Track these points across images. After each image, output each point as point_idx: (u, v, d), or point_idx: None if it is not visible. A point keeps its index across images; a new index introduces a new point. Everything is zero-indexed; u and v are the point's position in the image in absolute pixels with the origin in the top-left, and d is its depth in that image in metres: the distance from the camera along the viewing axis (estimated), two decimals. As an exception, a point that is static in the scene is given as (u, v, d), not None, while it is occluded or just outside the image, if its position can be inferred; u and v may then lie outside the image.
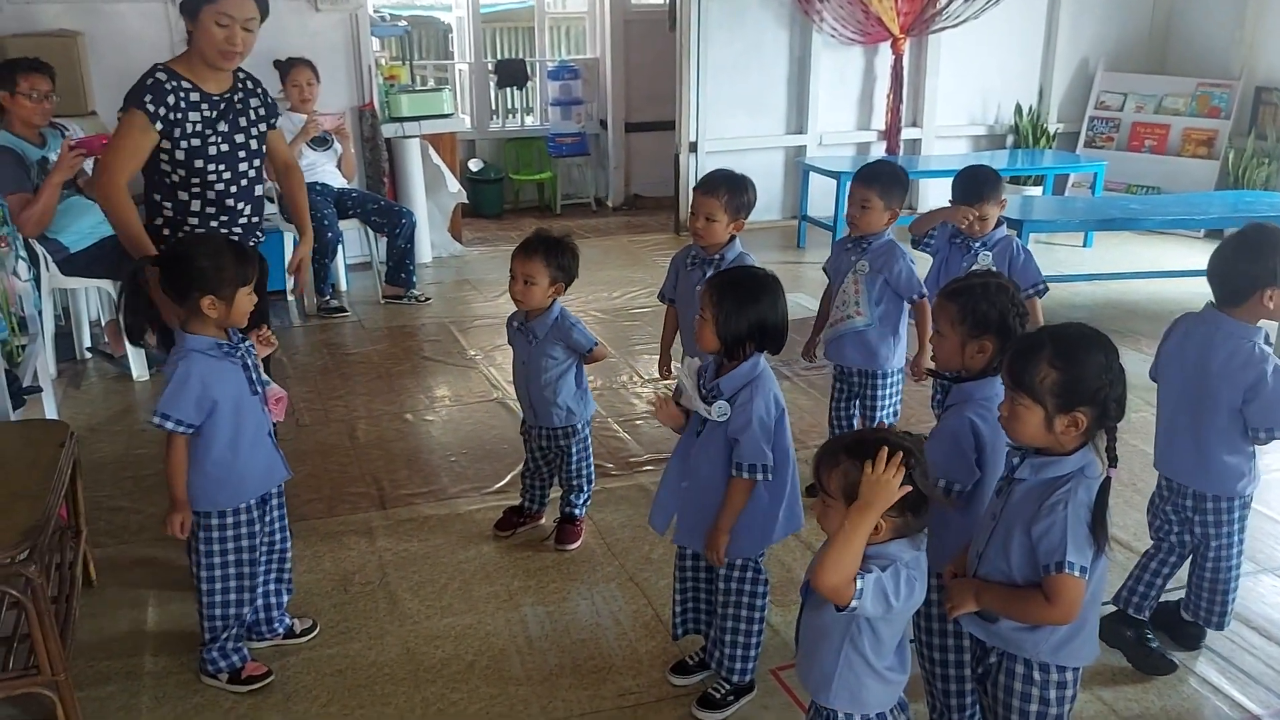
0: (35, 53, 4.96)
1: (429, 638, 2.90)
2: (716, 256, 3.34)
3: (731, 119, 7.69)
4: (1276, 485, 3.68)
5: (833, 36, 7.63)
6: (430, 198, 6.96)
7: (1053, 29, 8.10)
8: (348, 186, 5.98)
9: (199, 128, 2.97)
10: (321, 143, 5.85)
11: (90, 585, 3.12)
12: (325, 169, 5.87)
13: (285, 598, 2.83)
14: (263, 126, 3.16)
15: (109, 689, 2.68)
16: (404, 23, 7.56)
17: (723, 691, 2.59)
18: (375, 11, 7.77)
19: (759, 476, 2.38)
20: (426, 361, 5.11)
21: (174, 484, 2.46)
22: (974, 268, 3.44)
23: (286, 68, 5.81)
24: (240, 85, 3.10)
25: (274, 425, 2.66)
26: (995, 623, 1.94)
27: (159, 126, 2.92)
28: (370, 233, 6.18)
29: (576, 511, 3.40)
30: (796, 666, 2.04)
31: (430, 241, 7.01)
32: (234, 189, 3.08)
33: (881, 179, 3.36)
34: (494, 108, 8.87)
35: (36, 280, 4.94)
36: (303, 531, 3.46)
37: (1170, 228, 6.88)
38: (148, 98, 2.91)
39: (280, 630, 2.83)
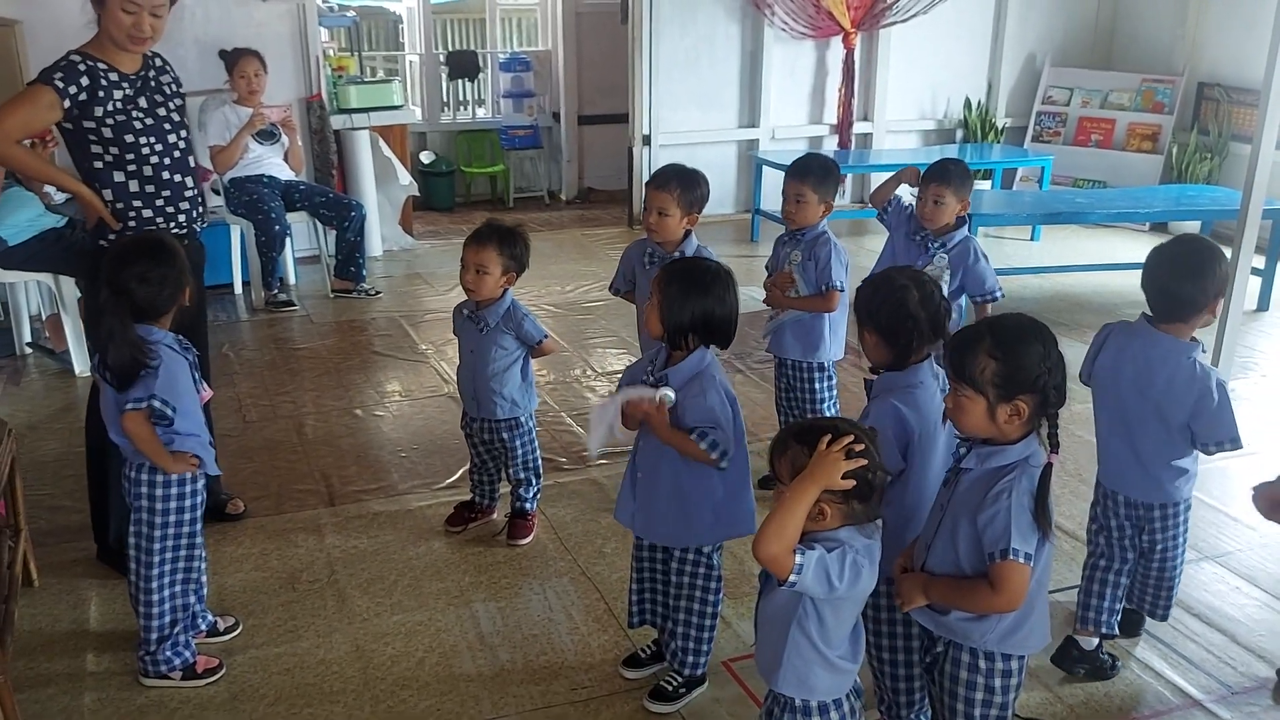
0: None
1: (378, 635, 2.87)
2: (675, 254, 3.33)
3: (684, 112, 7.69)
4: (1217, 474, 3.75)
5: (784, 31, 7.65)
6: (380, 190, 6.89)
7: (1000, 24, 8.20)
8: (295, 179, 5.89)
9: (121, 104, 2.94)
10: (268, 135, 5.76)
11: (31, 585, 3.05)
12: (272, 161, 5.78)
13: (204, 592, 2.78)
14: (179, 101, 3.15)
15: (50, 691, 2.62)
16: (352, 13, 7.49)
17: (675, 684, 2.59)
18: (324, 2, 7.68)
19: (723, 463, 2.37)
20: (376, 356, 5.06)
21: (161, 453, 2.46)
22: (928, 268, 3.46)
23: (233, 59, 5.70)
24: (150, 63, 3.09)
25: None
26: (945, 614, 1.96)
27: (66, 104, 2.87)
28: (319, 226, 6.09)
29: (527, 506, 3.38)
30: (754, 654, 2.05)
31: (381, 235, 6.94)
32: (168, 160, 3.05)
33: (815, 173, 3.38)
34: (445, 100, 8.80)
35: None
36: (249, 529, 3.41)
37: (1116, 221, 6.99)
38: (58, 75, 2.86)
39: (204, 627, 2.79)
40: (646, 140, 7.62)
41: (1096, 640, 2.70)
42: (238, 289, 6.05)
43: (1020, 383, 1.86)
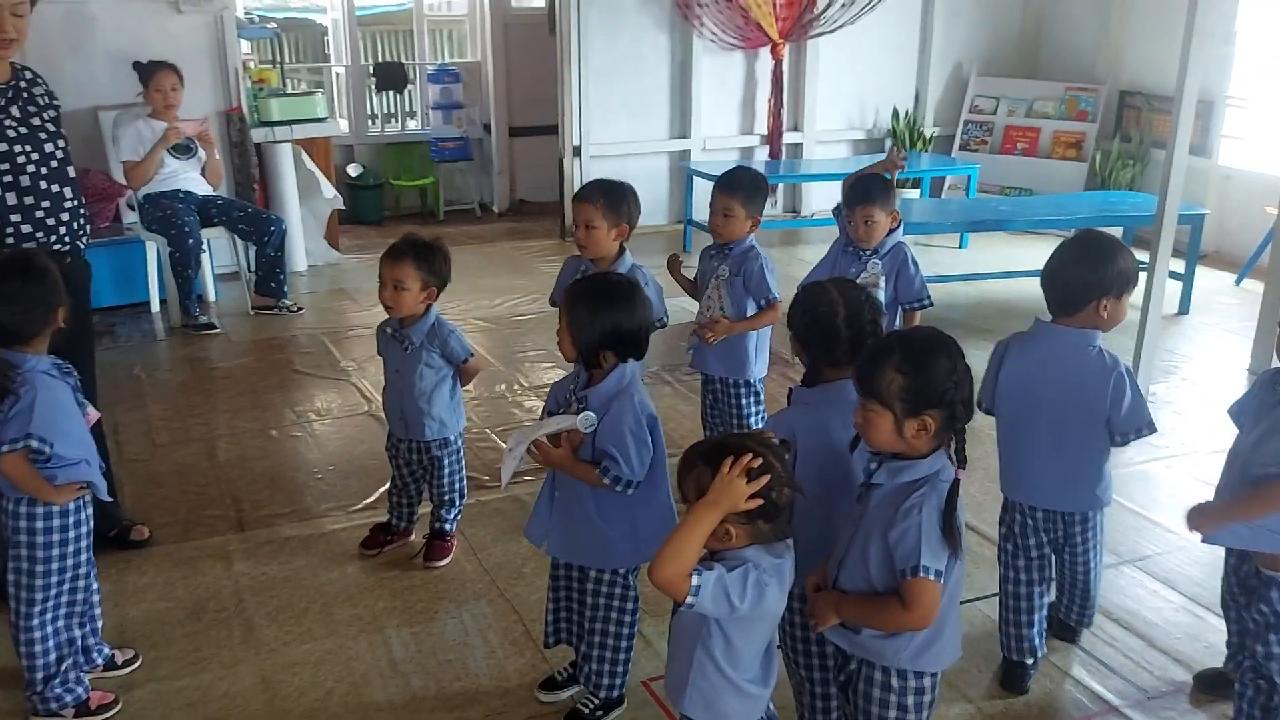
0: None
1: (286, 665, 2.77)
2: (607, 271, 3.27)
3: (615, 123, 7.64)
4: (1135, 478, 3.78)
5: (713, 41, 7.65)
6: (304, 204, 6.75)
7: (927, 34, 8.28)
8: (212, 193, 5.74)
9: None
10: (184, 150, 5.59)
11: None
12: (188, 176, 5.62)
13: (99, 624, 2.66)
14: (54, 112, 3.04)
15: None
16: (273, 25, 7.33)
17: (591, 706, 2.53)
18: (245, 13, 7.53)
19: (628, 491, 2.31)
20: (296, 375, 4.93)
21: (44, 489, 2.35)
22: (863, 275, 3.44)
23: (148, 71, 5.53)
24: (20, 74, 2.98)
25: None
26: (858, 633, 1.91)
27: None
28: (239, 241, 5.94)
29: (447, 527, 3.29)
30: (664, 675, 1.99)
31: (305, 249, 6.79)
32: (45, 170, 2.93)
33: (743, 187, 3.34)
34: (373, 112, 8.67)
35: None
36: (155, 557, 3.28)
37: (1041, 228, 7.06)
38: None
39: (100, 661, 2.66)
40: (577, 151, 7.56)
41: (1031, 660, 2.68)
42: (154, 307, 5.86)
43: (927, 397, 1.82)
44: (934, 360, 1.83)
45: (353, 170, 8.33)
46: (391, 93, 8.75)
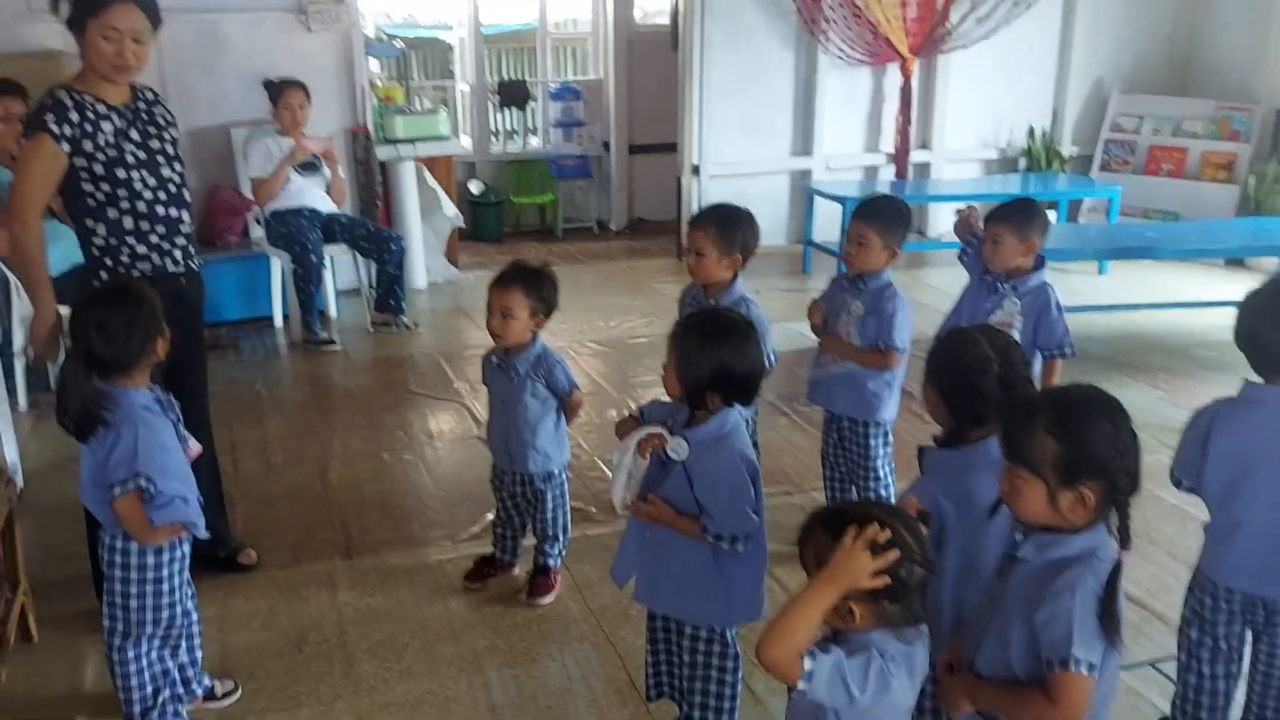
0: (19, 73, 4.83)
1: (384, 705, 2.68)
2: (711, 301, 3.14)
3: (735, 142, 7.49)
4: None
5: (840, 58, 7.43)
6: (426, 222, 6.79)
7: (1066, 49, 7.89)
8: (336, 211, 5.80)
9: (112, 139, 2.82)
10: (309, 167, 5.67)
11: (29, 640, 2.92)
12: (313, 194, 5.70)
13: (199, 654, 2.62)
14: (174, 132, 3.04)
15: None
16: (400, 44, 7.41)
17: (696, 769, 2.37)
18: (374, 32, 7.65)
19: (738, 548, 2.16)
20: (410, 395, 4.91)
21: (146, 533, 2.31)
22: (993, 315, 3.21)
23: (277, 90, 5.64)
24: (140, 95, 2.98)
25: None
26: (996, 724, 1.71)
27: (66, 148, 2.76)
28: (360, 259, 6.00)
29: (551, 562, 3.18)
30: None
31: (425, 266, 6.83)
32: (163, 195, 2.92)
33: (881, 215, 3.13)
34: (495, 129, 8.71)
35: (5, 309, 4.80)
36: (261, 583, 3.26)
37: (1189, 256, 6.63)
38: (49, 118, 2.74)
39: (199, 692, 2.62)
40: (695, 170, 7.43)
41: None
42: (278, 322, 5.97)
43: (1086, 466, 1.61)
44: (1093, 424, 1.62)
45: (474, 187, 8.38)
46: (514, 110, 8.78)
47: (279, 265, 5.82)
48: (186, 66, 6.10)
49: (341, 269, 6.22)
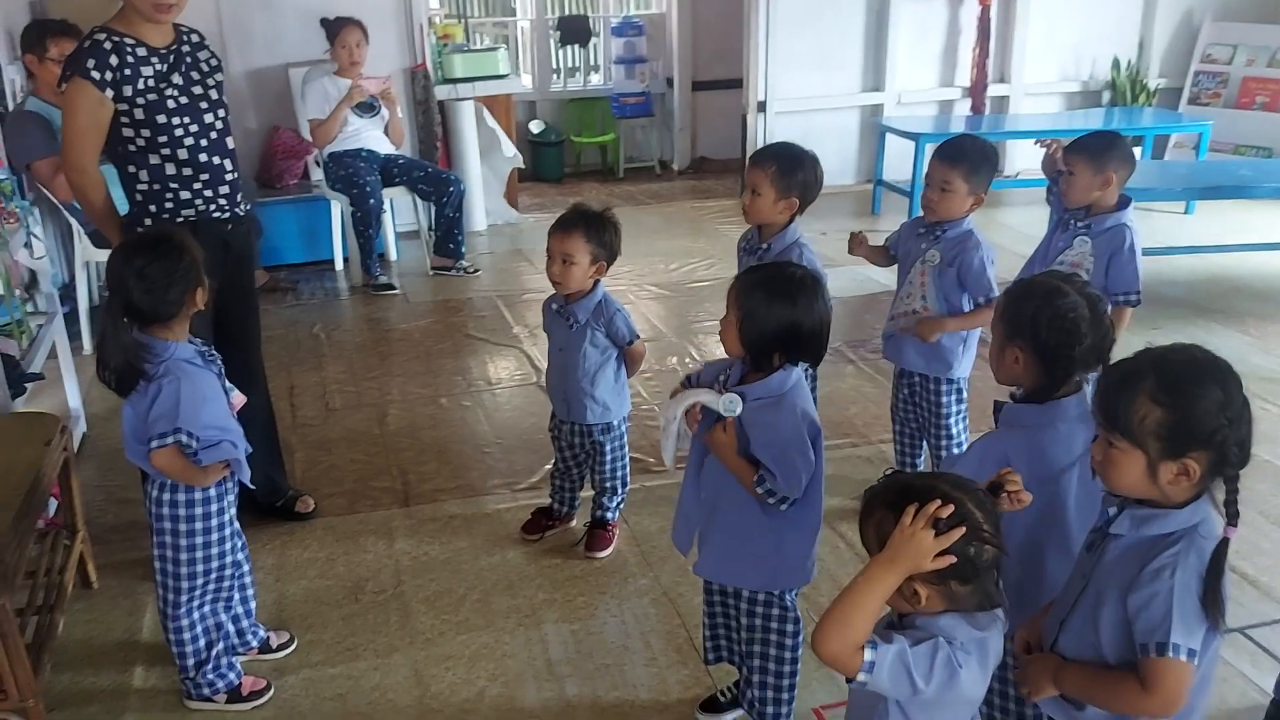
0: (76, 14, 4.77)
1: (441, 658, 2.64)
2: (764, 246, 3.00)
3: (803, 76, 7.24)
4: None
5: (914, -13, 7.12)
6: (485, 163, 6.69)
7: (1156, -24, 7.48)
8: (394, 153, 5.71)
9: (152, 82, 2.74)
10: (367, 108, 5.58)
11: (90, 588, 2.93)
12: (371, 135, 5.62)
13: (252, 604, 2.59)
14: (219, 77, 2.93)
15: (91, 709, 2.47)
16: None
17: (757, 735, 2.29)
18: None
19: (782, 508, 2.05)
20: (469, 340, 4.84)
21: (193, 474, 2.25)
22: (1065, 254, 3.03)
23: (334, 28, 5.53)
24: (185, 38, 2.88)
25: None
26: (1082, 710, 1.59)
27: (109, 93, 2.68)
28: (419, 201, 5.92)
29: (609, 515, 3.11)
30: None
31: (485, 209, 6.74)
32: (204, 142, 2.84)
33: (968, 158, 2.91)
34: (555, 67, 8.54)
35: (69, 254, 4.82)
36: (318, 530, 3.23)
37: (1283, 194, 6.27)
38: (90, 63, 2.66)
39: (254, 644, 2.60)
40: (761, 107, 7.21)
41: None
42: (339, 265, 5.94)
43: (1192, 436, 1.45)
44: (1203, 390, 1.46)
45: (534, 127, 8.25)
46: (575, 47, 8.59)
47: (338, 208, 5.77)
48: (244, 5, 6.04)
49: (401, 211, 6.16)
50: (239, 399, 2.39)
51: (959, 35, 7.42)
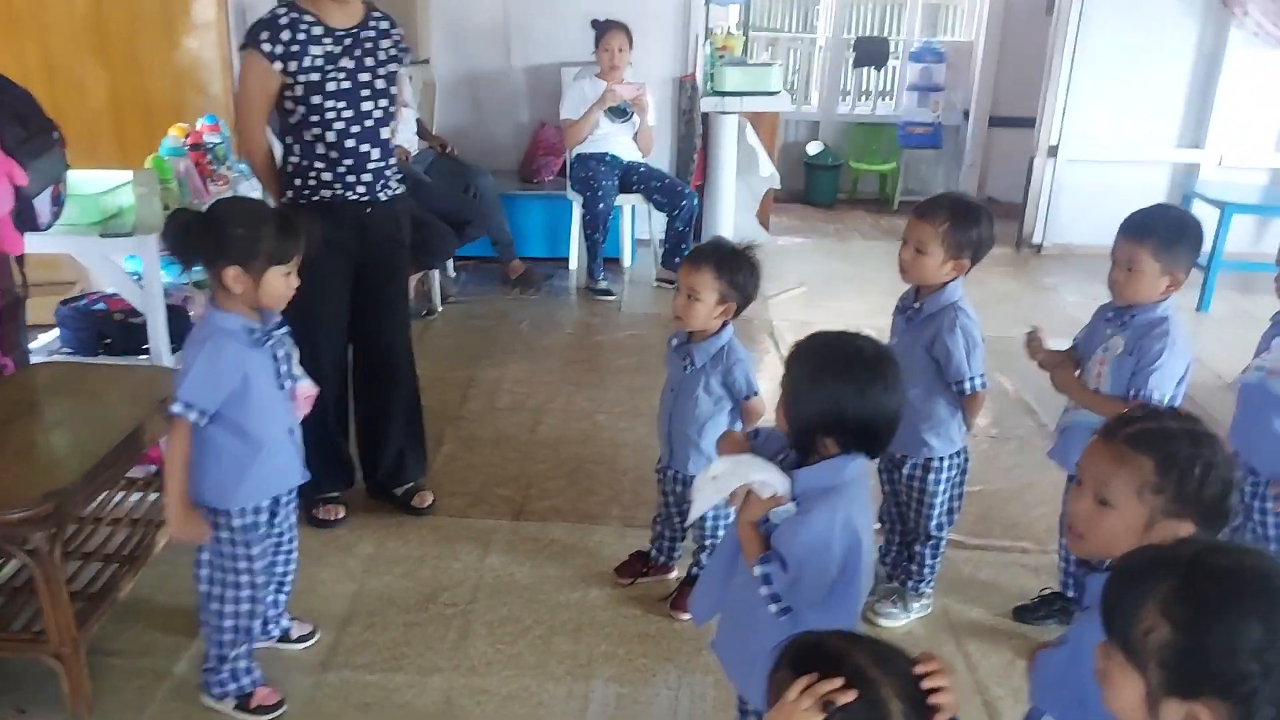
0: (378, -1, 5.10)
1: (476, 690, 2.52)
2: (915, 306, 2.65)
3: (1106, 123, 6.49)
4: None
5: (1257, 35, 6.18)
6: (741, 179, 6.51)
7: None
8: (637, 160, 5.67)
9: (319, 62, 2.81)
10: (619, 113, 5.58)
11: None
12: (618, 140, 5.61)
13: (283, 597, 2.57)
14: (393, 67, 2.95)
15: (143, 663, 2.55)
16: (744, -7, 7.11)
17: None
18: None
19: (777, 615, 1.75)
20: (656, 360, 4.67)
21: (175, 479, 2.15)
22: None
23: (601, 30, 5.57)
24: (372, 24, 2.91)
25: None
26: None
27: (277, 66, 2.78)
28: (654, 210, 5.86)
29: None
30: None
31: (733, 225, 6.57)
32: (355, 129, 2.88)
33: (1158, 233, 2.44)
34: (845, 88, 8.21)
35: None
36: (423, 529, 3.21)
37: None
38: (263, 35, 2.79)
39: (276, 633, 2.59)
40: (1053, 151, 6.55)
41: None
42: (573, 264, 5.99)
43: (1207, 677, 1.05)
44: (1234, 618, 1.03)
45: (812, 149, 7.98)
46: (870, 69, 8.23)
47: (578, 208, 5.82)
48: (532, 2, 6.22)
49: (642, 218, 6.12)
50: (307, 389, 2.36)
51: (1310, 93, 6.39)
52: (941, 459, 2.70)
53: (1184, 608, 1.06)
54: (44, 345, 3.30)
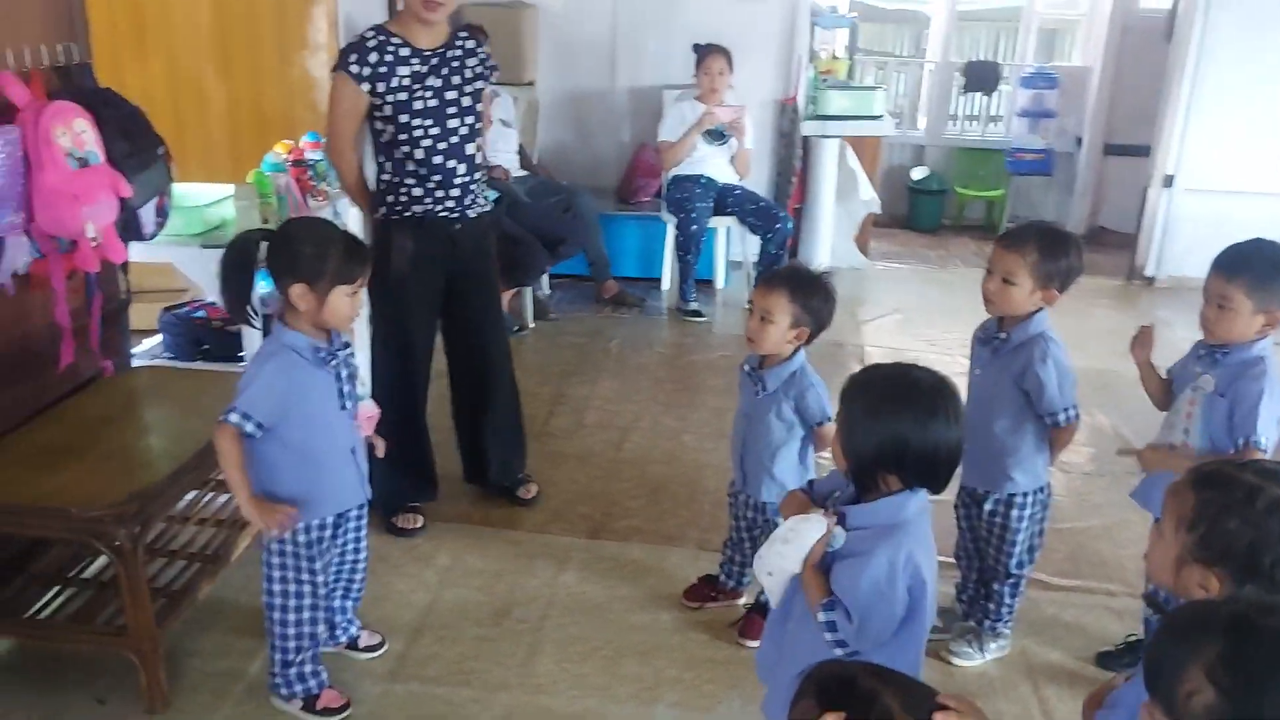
0: (488, 21, 5.24)
1: (539, 710, 2.52)
2: (1000, 335, 2.57)
3: (1226, 151, 6.21)
4: None
5: (1394, 60, 5.87)
6: (840, 203, 6.44)
7: None
8: (733, 183, 5.65)
9: (406, 82, 2.88)
10: (716, 136, 5.56)
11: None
12: (715, 163, 5.59)
13: (350, 604, 2.61)
14: (479, 84, 3.02)
15: (221, 664, 2.61)
16: (853, 14, 7.05)
17: None
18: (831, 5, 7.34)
19: (837, 652, 1.71)
20: (745, 382, 4.66)
21: (236, 480, 2.19)
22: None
23: (702, 53, 5.58)
24: (459, 43, 2.98)
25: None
26: None
27: (365, 87, 2.86)
28: (748, 233, 5.82)
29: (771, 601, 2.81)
30: None
31: (831, 249, 6.50)
32: (442, 146, 2.94)
33: (1253, 269, 2.31)
34: (953, 113, 8.05)
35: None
36: (499, 543, 3.24)
37: None
38: (352, 58, 2.87)
39: (343, 639, 2.63)
40: (1168, 181, 6.30)
41: None
42: (665, 284, 5.99)
43: None
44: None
45: (917, 174, 7.84)
46: (980, 94, 8.06)
47: (671, 229, 5.82)
48: (640, 24, 6.27)
49: (736, 240, 6.10)
50: (369, 410, 2.41)
51: None
52: (1026, 495, 2.62)
53: (1230, 672, 1.00)
54: (146, 350, 3.44)
